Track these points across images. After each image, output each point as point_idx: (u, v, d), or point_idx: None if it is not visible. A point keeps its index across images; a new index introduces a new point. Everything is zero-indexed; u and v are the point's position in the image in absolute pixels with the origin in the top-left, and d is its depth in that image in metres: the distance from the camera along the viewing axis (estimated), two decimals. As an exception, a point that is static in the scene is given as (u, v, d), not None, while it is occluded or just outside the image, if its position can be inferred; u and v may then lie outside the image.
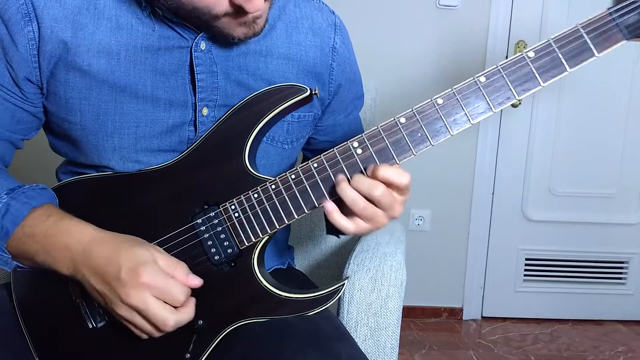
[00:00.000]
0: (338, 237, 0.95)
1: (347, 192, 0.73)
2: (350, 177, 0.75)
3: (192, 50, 0.79)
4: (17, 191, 0.77)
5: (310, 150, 0.99)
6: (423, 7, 2.23)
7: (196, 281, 0.75)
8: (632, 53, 2.30)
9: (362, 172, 0.76)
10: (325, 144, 0.79)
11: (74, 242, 0.73)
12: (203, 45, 0.79)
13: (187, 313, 0.73)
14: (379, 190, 0.72)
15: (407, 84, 2.22)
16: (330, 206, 0.74)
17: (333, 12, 0.92)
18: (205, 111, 0.81)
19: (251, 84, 0.82)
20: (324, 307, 0.79)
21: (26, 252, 0.76)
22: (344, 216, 0.74)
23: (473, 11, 2.24)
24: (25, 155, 1.12)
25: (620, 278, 2.46)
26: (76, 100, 0.79)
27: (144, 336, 0.74)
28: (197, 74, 0.79)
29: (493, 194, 2.39)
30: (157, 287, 0.70)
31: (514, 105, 2.29)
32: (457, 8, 2.23)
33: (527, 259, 2.44)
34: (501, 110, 2.64)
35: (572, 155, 2.36)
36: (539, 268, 2.45)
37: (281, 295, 0.78)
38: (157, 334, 0.73)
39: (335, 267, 1.33)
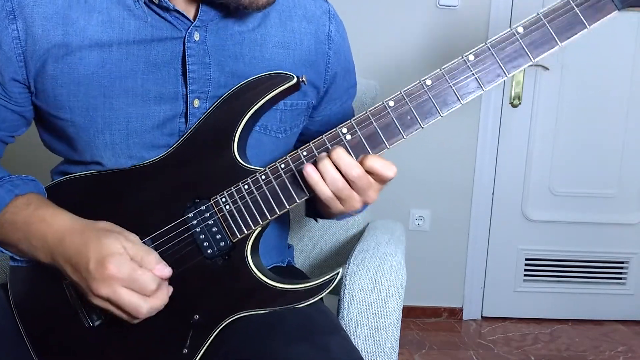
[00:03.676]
0: (316, 220, 0.95)
1: (328, 168, 0.72)
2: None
3: (185, 41, 0.78)
4: (4, 179, 0.79)
5: (303, 141, 0.99)
6: (423, 7, 2.23)
7: (164, 271, 0.73)
8: (632, 53, 2.30)
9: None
10: (318, 135, 0.79)
11: (50, 231, 0.74)
12: (197, 36, 0.79)
13: (160, 298, 0.72)
14: (355, 171, 0.71)
15: (407, 84, 2.22)
16: (310, 169, 0.72)
17: (326, 1, 0.91)
18: (196, 103, 0.80)
19: (247, 74, 0.80)
20: (319, 297, 0.78)
21: (9, 239, 0.77)
22: (322, 180, 0.72)
23: (473, 11, 2.24)
24: (19, 156, 1.12)
25: (620, 278, 2.46)
26: (65, 97, 0.78)
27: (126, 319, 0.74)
28: (188, 65, 0.79)
29: (493, 194, 2.39)
30: (124, 277, 0.69)
31: (514, 105, 2.29)
32: (457, 8, 2.23)
33: (527, 259, 2.44)
34: (501, 109, 2.61)
35: (572, 155, 2.36)
36: (539, 268, 2.45)
37: (276, 286, 0.78)
38: (135, 321, 0.73)
39: (335, 267, 1.33)
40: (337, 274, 0.79)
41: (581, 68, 2.27)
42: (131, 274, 0.70)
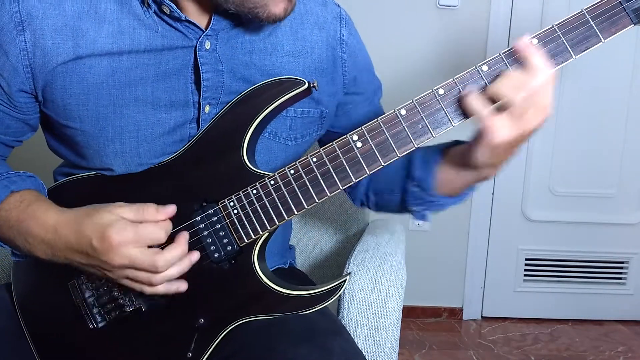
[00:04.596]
0: (424, 219, 0.89)
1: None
2: (352, 174, 0.75)
3: (197, 50, 0.78)
4: (2, 176, 0.79)
5: None
6: (423, 7, 2.23)
7: (168, 209, 0.74)
8: (632, 53, 2.30)
9: (362, 167, 0.75)
10: None
11: (42, 227, 0.74)
12: (208, 44, 0.78)
13: (175, 249, 0.73)
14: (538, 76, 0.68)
15: (407, 85, 2.22)
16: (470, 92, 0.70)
17: (338, 5, 0.90)
18: (207, 109, 0.80)
19: (258, 80, 0.80)
20: (325, 304, 0.78)
21: (6, 236, 0.78)
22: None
23: (473, 11, 2.24)
24: (22, 156, 1.12)
25: (620, 278, 2.46)
26: (74, 106, 0.78)
27: (154, 290, 0.74)
28: (202, 73, 0.78)
29: (493, 194, 2.39)
30: (131, 239, 0.70)
31: (514, 105, 2.29)
32: (457, 8, 2.23)
33: (527, 259, 2.44)
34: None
35: (572, 155, 2.35)
36: (539, 268, 2.45)
37: (282, 292, 0.78)
38: (159, 281, 0.72)
39: (335, 267, 1.33)
40: (344, 281, 0.79)
41: (581, 68, 2.27)
42: (136, 233, 0.70)
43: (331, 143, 0.75)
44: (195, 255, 0.76)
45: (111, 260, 0.70)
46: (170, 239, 0.75)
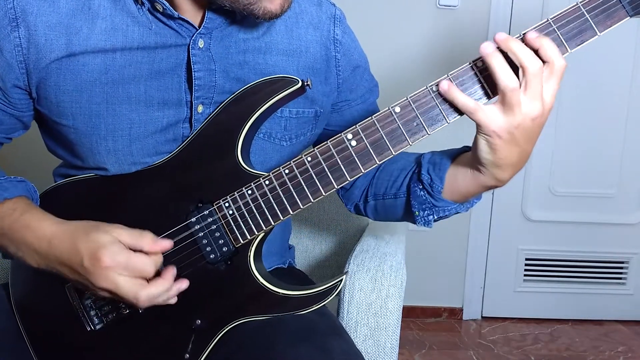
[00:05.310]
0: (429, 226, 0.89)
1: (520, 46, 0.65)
2: (347, 173, 0.74)
3: (190, 48, 0.78)
4: None
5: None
6: (423, 7, 2.23)
7: (164, 244, 0.73)
8: (632, 52, 2.30)
9: (358, 166, 0.74)
10: None
11: (35, 237, 0.74)
12: (201, 43, 0.78)
13: (161, 285, 0.72)
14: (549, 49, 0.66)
15: (406, 84, 2.22)
16: (445, 83, 0.70)
17: (333, 5, 0.90)
18: (200, 109, 0.80)
19: (251, 80, 0.80)
20: (322, 304, 0.78)
21: None
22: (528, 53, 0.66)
23: (473, 11, 2.24)
24: (22, 155, 1.11)
25: (620, 278, 2.46)
26: (67, 103, 0.78)
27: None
28: (194, 72, 0.78)
29: (493, 193, 2.39)
30: (121, 265, 0.69)
31: (514, 105, 2.29)
32: (457, 8, 2.23)
33: (527, 259, 2.44)
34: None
35: (572, 155, 2.35)
36: (539, 268, 2.45)
37: (279, 292, 0.78)
38: (141, 307, 0.72)
39: (335, 267, 1.33)
40: (341, 281, 0.78)
41: (581, 67, 2.27)
42: (127, 261, 0.70)
43: (325, 142, 0.74)
44: (184, 284, 0.75)
45: (97, 282, 0.70)
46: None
